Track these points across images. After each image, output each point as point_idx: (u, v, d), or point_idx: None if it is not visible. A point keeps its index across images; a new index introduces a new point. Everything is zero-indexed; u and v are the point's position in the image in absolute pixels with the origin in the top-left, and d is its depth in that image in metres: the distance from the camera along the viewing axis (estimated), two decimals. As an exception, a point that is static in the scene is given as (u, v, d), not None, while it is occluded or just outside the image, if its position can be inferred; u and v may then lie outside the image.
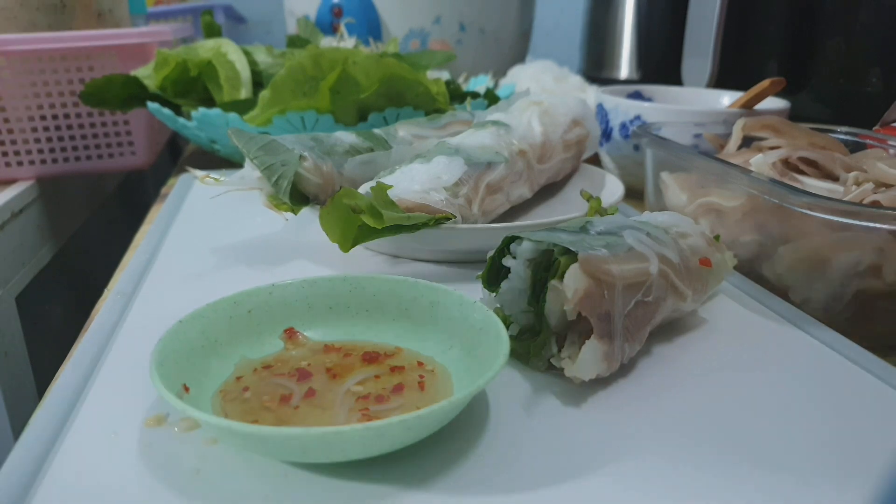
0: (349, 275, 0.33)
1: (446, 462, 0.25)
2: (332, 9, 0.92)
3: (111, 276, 0.44)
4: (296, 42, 0.86)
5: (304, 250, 0.45)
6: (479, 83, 0.81)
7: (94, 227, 0.87)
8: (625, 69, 0.96)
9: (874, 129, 0.53)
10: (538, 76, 0.84)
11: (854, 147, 0.49)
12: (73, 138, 0.68)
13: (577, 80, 0.85)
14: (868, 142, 0.49)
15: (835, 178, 0.43)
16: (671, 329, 0.35)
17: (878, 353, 0.33)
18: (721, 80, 0.74)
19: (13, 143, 0.66)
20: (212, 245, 0.46)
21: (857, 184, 0.41)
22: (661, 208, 0.53)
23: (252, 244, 0.46)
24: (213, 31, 0.76)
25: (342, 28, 0.86)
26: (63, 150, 0.68)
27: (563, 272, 0.28)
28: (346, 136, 0.49)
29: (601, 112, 0.65)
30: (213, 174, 0.45)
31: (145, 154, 0.72)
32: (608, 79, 0.97)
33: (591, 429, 0.27)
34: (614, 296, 0.28)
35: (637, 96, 0.71)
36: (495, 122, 0.50)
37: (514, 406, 0.28)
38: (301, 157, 0.43)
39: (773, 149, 0.47)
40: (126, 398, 0.28)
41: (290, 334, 0.31)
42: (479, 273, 0.32)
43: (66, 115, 0.67)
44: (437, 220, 0.39)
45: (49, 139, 0.68)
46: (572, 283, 0.27)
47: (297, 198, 0.44)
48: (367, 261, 0.44)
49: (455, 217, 0.40)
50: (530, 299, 0.30)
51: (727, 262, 0.37)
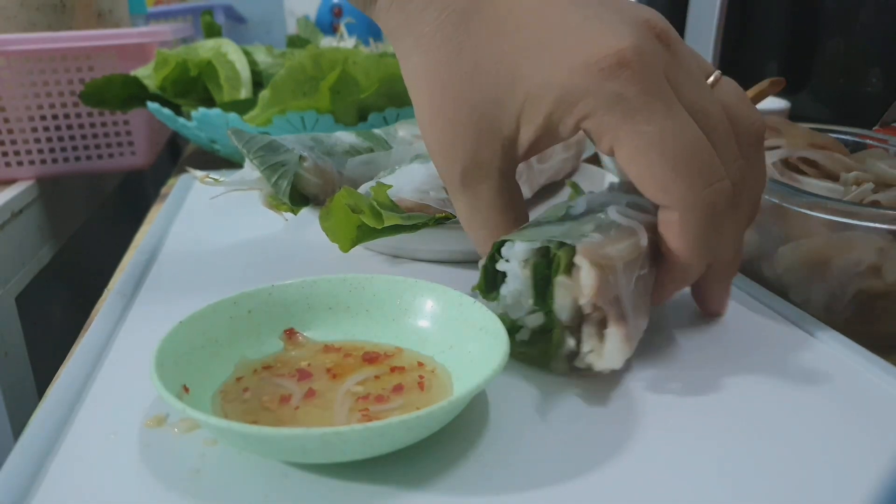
0: (349, 275, 0.33)
1: (446, 462, 0.25)
2: (332, 9, 0.92)
3: (111, 276, 0.44)
4: (296, 42, 0.86)
5: (304, 250, 0.45)
6: (479, 83, 0.81)
7: (94, 227, 0.87)
8: (625, 69, 0.96)
9: (874, 129, 0.53)
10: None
11: (854, 147, 0.49)
12: (73, 138, 0.69)
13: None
14: (868, 142, 0.49)
15: (835, 178, 0.43)
16: (671, 329, 0.35)
17: (877, 353, 0.32)
18: (721, 79, 0.74)
19: (13, 143, 0.66)
20: (212, 245, 0.46)
21: (857, 184, 0.41)
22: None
23: (252, 244, 0.46)
24: (213, 31, 0.76)
25: (342, 28, 0.86)
26: (63, 150, 0.68)
27: (566, 265, 0.28)
28: (346, 136, 0.49)
29: (601, 112, 0.65)
30: (213, 174, 0.45)
31: (145, 154, 0.72)
32: (608, 79, 0.97)
33: (591, 428, 0.27)
34: (618, 278, 0.28)
35: (637, 96, 0.71)
36: (495, 122, 0.50)
37: (514, 406, 0.28)
38: (301, 158, 0.43)
39: (773, 149, 0.47)
40: (126, 399, 0.28)
41: (290, 335, 0.31)
42: (475, 285, 0.32)
43: (66, 115, 0.67)
44: (437, 220, 0.39)
45: (49, 139, 0.68)
46: (588, 279, 0.27)
47: (297, 198, 0.44)
48: (367, 261, 0.44)
49: (455, 217, 0.40)
50: (536, 299, 0.30)
51: None
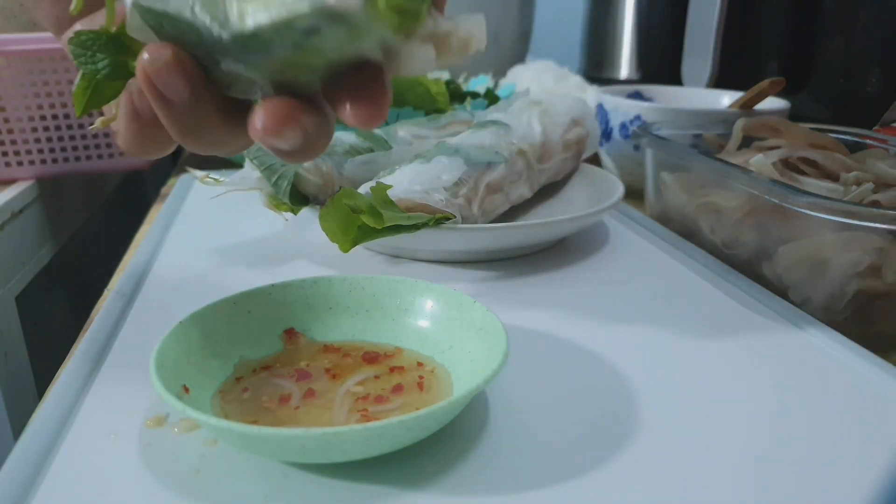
0: (349, 275, 0.33)
1: (446, 462, 0.25)
2: (332, 9, 0.92)
3: (111, 276, 0.44)
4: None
5: (304, 250, 0.45)
6: (479, 83, 0.81)
7: (94, 227, 0.87)
8: (625, 69, 0.96)
9: (874, 129, 0.53)
10: (538, 76, 0.84)
11: (854, 147, 0.49)
12: (73, 138, 0.68)
13: (577, 80, 0.85)
14: (868, 142, 0.49)
15: (835, 178, 0.43)
16: (671, 329, 0.35)
17: (877, 353, 0.33)
18: (721, 80, 0.74)
19: (13, 143, 0.66)
20: (212, 245, 0.46)
21: (857, 184, 0.41)
22: (661, 208, 0.53)
23: (252, 244, 0.46)
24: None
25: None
26: (63, 150, 0.68)
27: None
28: (346, 136, 0.49)
29: (601, 112, 0.65)
30: (213, 174, 0.45)
31: (145, 154, 0.72)
32: (608, 79, 0.97)
33: (591, 428, 0.27)
34: None
35: (637, 96, 0.71)
36: (495, 122, 0.50)
37: (514, 406, 0.28)
38: (301, 158, 0.43)
39: (773, 149, 0.47)
40: (126, 399, 0.28)
41: (290, 335, 0.31)
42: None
43: (66, 115, 0.67)
44: (437, 220, 0.40)
45: (49, 139, 0.68)
46: None
47: (297, 198, 0.44)
48: (367, 261, 0.44)
49: (455, 217, 0.40)
50: None
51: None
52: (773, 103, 0.62)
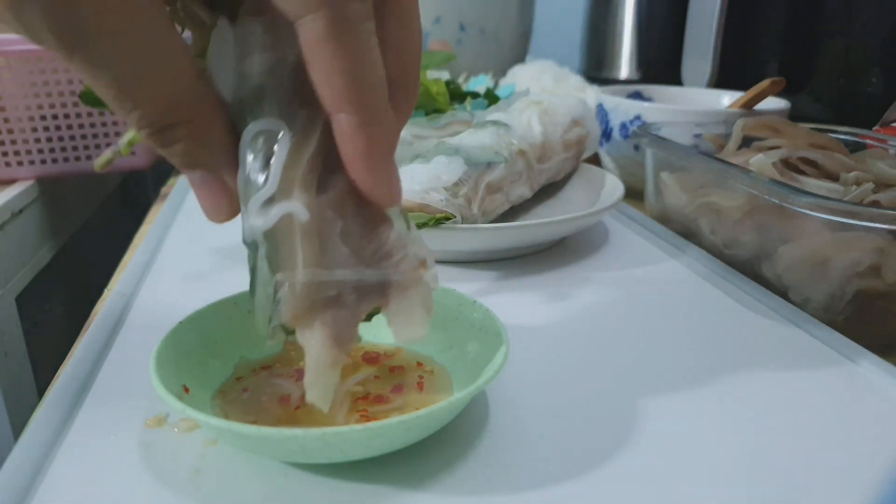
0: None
1: (446, 462, 0.25)
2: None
3: (111, 276, 0.44)
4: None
5: (304, 250, 0.45)
6: (479, 83, 0.81)
7: (94, 227, 0.87)
8: (625, 69, 0.96)
9: (874, 129, 0.53)
10: (538, 76, 0.84)
11: (854, 147, 0.49)
12: (73, 138, 0.68)
13: (577, 80, 0.85)
14: (868, 142, 0.49)
15: (835, 178, 0.43)
16: (670, 328, 0.35)
17: (877, 353, 0.33)
18: (721, 80, 0.74)
19: (13, 143, 0.66)
20: (212, 245, 0.46)
21: (857, 184, 0.41)
22: (661, 208, 0.53)
23: (252, 244, 0.46)
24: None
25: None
26: (63, 150, 0.68)
27: None
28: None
29: (601, 112, 0.65)
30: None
31: (145, 154, 0.72)
32: (608, 79, 0.97)
33: (591, 428, 0.27)
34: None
35: (637, 96, 0.71)
36: (495, 122, 0.50)
37: (514, 406, 0.28)
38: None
39: (773, 149, 0.47)
40: (126, 399, 0.28)
41: (290, 335, 0.31)
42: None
43: (66, 115, 0.67)
44: (437, 220, 0.40)
45: (49, 139, 0.68)
46: None
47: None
48: (366, 261, 0.44)
49: (455, 217, 0.40)
50: None
51: None
52: (773, 103, 0.62)
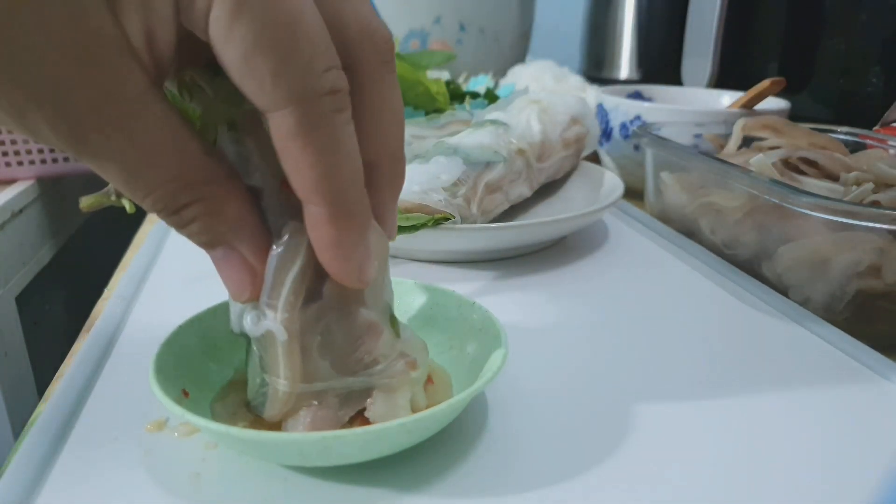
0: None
1: (446, 464, 0.25)
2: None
3: (111, 276, 0.44)
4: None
5: (304, 251, 0.45)
6: (479, 83, 0.81)
7: (94, 227, 0.87)
8: (625, 69, 0.96)
9: (874, 129, 0.53)
10: (538, 76, 0.84)
11: (854, 147, 0.49)
12: (72, 139, 0.68)
13: (577, 80, 0.85)
14: (868, 142, 0.49)
15: (835, 178, 0.43)
16: (671, 326, 0.35)
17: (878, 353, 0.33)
18: (721, 80, 0.74)
19: (13, 143, 0.66)
20: (211, 246, 0.46)
21: (857, 184, 0.41)
22: (661, 208, 0.53)
23: (252, 245, 0.46)
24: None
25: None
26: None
27: None
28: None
29: (601, 112, 0.65)
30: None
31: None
32: (608, 79, 0.97)
33: (590, 429, 0.27)
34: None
35: (637, 96, 0.71)
36: (494, 121, 0.50)
37: (514, 406, 0.28)
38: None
39: (773, 149, 0.47)
40: (126, 403, 0.28)
41: (290, 336, 0.31)
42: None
43: (66, 116, 0.67)
44: (436, 220, 0.39)
45: (49, 140, 0.67)
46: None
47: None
48: (366, 262, 0.44)
49: (454, 217, 0.40)
50: None
51: None
52: (773, 103, 0.62)
